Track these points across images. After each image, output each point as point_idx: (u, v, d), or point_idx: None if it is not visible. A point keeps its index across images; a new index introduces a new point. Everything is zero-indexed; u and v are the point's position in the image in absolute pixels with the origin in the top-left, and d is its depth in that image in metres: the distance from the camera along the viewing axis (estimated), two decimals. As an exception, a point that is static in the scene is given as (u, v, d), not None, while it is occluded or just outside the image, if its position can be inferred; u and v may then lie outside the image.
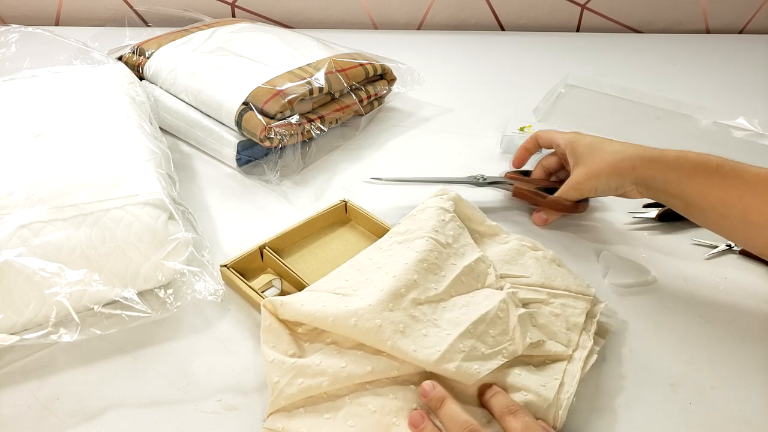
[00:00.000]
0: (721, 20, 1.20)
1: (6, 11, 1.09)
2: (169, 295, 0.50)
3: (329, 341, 0.46)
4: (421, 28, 1.18)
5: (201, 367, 0.49)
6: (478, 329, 0.46)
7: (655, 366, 0.50)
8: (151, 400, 0.46)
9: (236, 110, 0.68)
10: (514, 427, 0.40)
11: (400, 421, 0.42)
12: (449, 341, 0.44)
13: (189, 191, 0.68)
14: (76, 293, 0.46)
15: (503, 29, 1.19)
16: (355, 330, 0.44)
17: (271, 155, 0.71)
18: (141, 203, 0.51)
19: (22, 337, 0.45)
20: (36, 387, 0.46)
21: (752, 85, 1.00)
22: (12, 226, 0.46)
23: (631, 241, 0.64)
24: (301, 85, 0.70)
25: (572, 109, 0.88)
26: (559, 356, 0.48)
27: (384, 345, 0.44)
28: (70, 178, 0.51)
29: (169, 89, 0.76)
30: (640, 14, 1.19)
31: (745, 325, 0.54)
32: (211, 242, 0.59)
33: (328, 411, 0.43)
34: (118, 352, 0.49)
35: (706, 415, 0.47)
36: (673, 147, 0.81)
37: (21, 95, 0.62)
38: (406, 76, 0.85)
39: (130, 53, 0.82)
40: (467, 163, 0.75)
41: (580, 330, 0.50)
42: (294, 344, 0.46)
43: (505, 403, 0.42)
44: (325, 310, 0.45)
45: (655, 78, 1.01)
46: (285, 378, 0.43)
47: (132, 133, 0.59)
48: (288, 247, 0.59)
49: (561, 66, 1.00)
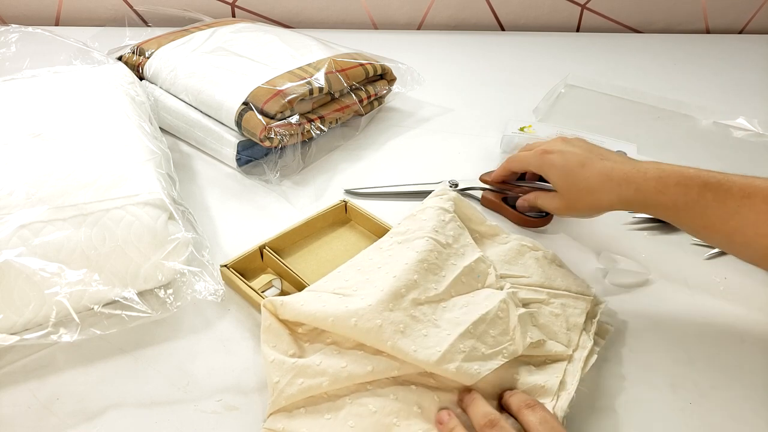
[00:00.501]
0: (721, 20, 1.20)
1: (6, 11, 1.09)
2: (169, 295, 0.50)
3: (329, 341, 0.46)
4: (421, 28, 1.18)
5: (201, 367, 0.49)
6: (478, 329, 0.46)
7: (655, 366, 0.50)
8: (151, 400, 0.46)
9: (236, 110, 0.68)
10: (531, 421, 0.41)
11: (401, 421, 0.42)
12: (449, 341, 0.44)
13: (189, 191, 0.68)
14: (76, 293, 0.46)
15: (503, 29, 1.19)
16: (356, 330, 0.44)
17: (271, 155, 0.71)
18: (141, 203, 0.51)
19: (22, 337, 0.45)
20: (36, 387, 0.46)
21: (752, 85, 1.00)
22: (12, 226, 0.46)
23: (631, 241, 0.64)
24: (301, 85, 0.70)
25: (572, 109, 0.88)
26: (560, 356, 0.48)
27: (384, 345, 0.44)
28: (70, 178, 0.51)
29: (169, 89, 0.76)
30: (640, 14, 1.19)
31: (745, 325, 0.54)
32: (211, 242, 0.59)
33: (329, 411, 0.43)
34: (118, 352, 0.49)
35: (706, 415, 0.47)
36: (673, 147, 0.81)
37: (21, 95, 0.62)
38: (406, 76, 0.85)
39: (130, 53, 0.82)
40: (467, 163, 0.75)
41: (581, 330, 0.50)
42: (294, 344, 0.46)
43: (523, 398, 0.43)
44: (325, 310, 0.45)
45: (655, 78, 1.01)
46: (285, 378, 0.43)
47: (132, 133, 0.59)
48: (288, 247, 0.59)
49: (561, 66, 1.00)
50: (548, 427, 0.40)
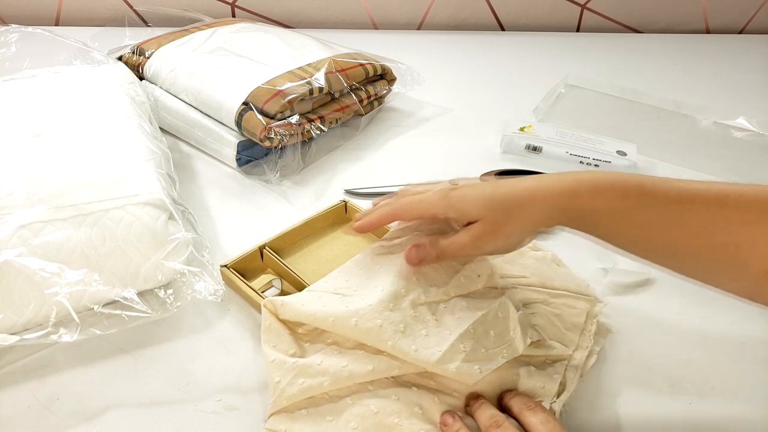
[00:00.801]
0: (721, 20, 1.20)
1: (6, 11, 1.09)
2: (169, 295, 0.50)
3: (330, 341, 0.46)
4: (421, 28, 1.18)
5: (201, 367, 0.49)
6: (478, 329, 0.46)
7: (655, 366, 0.50)
8: (151, 400, 0.46)
9: (236, 110, 0.68)
10: (533, 422, 0.41)
11: (403, 421, 0.42)
12: (450, 341, 0.44)
13: (189, 191, 0.68)
14: (76, 293, 0.46)
15: (503, 29, 1.19)
16: (356, 330, 0.44)
17: (271, 155, 0.71)
18: (141, 203, 0.51)
19: (22, 337, 0.45)
20: (36, 387, 0.46)
21: (752, 85, 1.00)
22: (12, 226, 0.46)
23: (631, 241, 0.64)
24: (301, 85, 0.70)
25: (572, 109, 0.88)
26: (559, 356, 0.48)
27: (385, 345, 0.44)
28: (70, 178, 0.51)
29: (169, 89, 0.76)
30: (640, 14, 1.19)
31: (745, 326, 0.54)
32: (211, 242, 0.59)
33: (330, 413, 0.43)
34: (118, 352, 0.49)
35: (706, 415, 0.47)
36: (673, 147, 0.81)
37: (21, 95, 0.62)
38: (406, 76, 0.85)
39: (130, 53, 0.82)
40: (467, 163, 0.75)
41: (580, 330, 0.50)
42: (295, 344, 0.46)
43: (524, 400, 0.44)
44: (326, 311, 0.45)
45: (655, 78, 1.01)
46: (286, 378, 0.43)
47: (132, 133, 0.59)
48: (288, 247, 0.59)
49: (561, 66, 1.00)
50: (549, 427, 0.40)
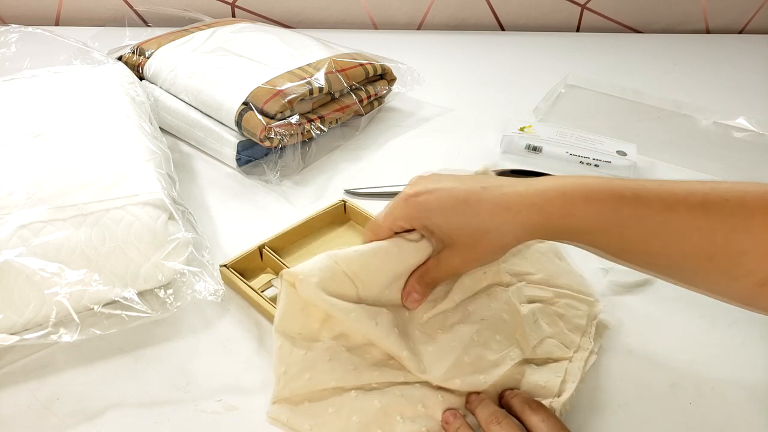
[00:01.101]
0: (721, 20, 1.20)
1: (6, 11, 1.09)
2: (169, 295, 0.50)
3: (338, 331, 0.45)
4: (421, 28, 1.18)
5: (201, 367, 0.49)
6: (484, 335, 0.46)
7: (655, 366, 0.50)
8: (151, 400, 0.46)
9: (236, 110, 0.68)
10: (534, 420, 0.41)
11: (405, 417, 0.42)
12: (455, 356, 0.45)
13: (189, 191, 0.68)
14: (76, 293, 0.46)
15: (503, 29, 1.19)
16: (377, 331, 0.44)
17: (271, 155, 0.71)
18: (141, 203, 0.51)
19: (22, 337, 0.45)
20: (36, 387, 0.46)
21: (752, 85, 1.00)
22: (12, 226, 0.46)
23: (631, 241, 0.64)
24: (301, 85, 0.70)
25: (572, 109, 0.88)
26: (561, 357, 0.48)
27: (401, 353, 0.44)
28: (70, 178, 0.51)
29: (169, 89, 0.76)
30: (640, 14, 1.19)
31: (745, 326, 0.54)
32: (211, 242, 0.59)
33: (333, 405, 0.43)
34: (118, 352, 0.49)
35: (706, 415, 0.47)
36: (673, 147, 0.81)
37: (21, 95, 0.62)
38: (406, 76, 0.85)
39: (130, 53, 0.82)
40: (467, 164, 0.75)
41: (582, 332, 0.50)
42: (306, 324, 0.45)
43: (525, 398, 0.44)
44: (347, 305, 0.44)
45: (655, 78, 1.01)
46: (292, 370, 0.43)
47: (132, 133, 0.59)
48: (288, 247, 0.59)
49: (561, 66, 1.00)
50: (550, 425, 0.41)
